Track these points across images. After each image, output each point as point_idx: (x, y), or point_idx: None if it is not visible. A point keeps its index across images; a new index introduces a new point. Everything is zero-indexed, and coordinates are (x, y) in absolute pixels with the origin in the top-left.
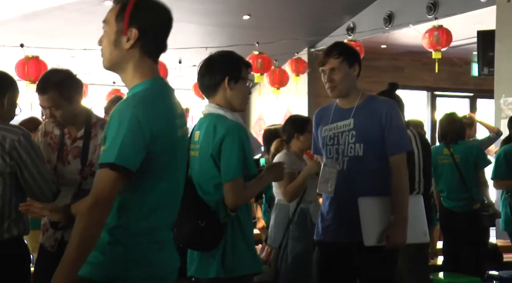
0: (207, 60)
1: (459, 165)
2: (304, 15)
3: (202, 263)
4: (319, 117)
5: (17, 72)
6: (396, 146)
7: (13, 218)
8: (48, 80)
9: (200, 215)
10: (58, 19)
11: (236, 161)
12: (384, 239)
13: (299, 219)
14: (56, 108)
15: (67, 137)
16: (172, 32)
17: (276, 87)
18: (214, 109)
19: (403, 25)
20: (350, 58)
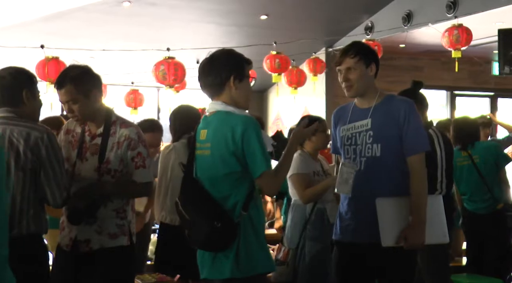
0: (209, 60)
1: (478, 166)
2: (322, 15)
3: (215, 265)
4: (337, 117)
5: (37, 73)
6: (414, 146)
7: (31, 215)
8: (65, 75)
9: (216, 216)
10: (77, 20)
11: (262, 152)
12: (402, 239)
13: (316, 219)
14: (73, 102)
15: (87, 134)
16: (189, 33)
17: (294, 87)
18: (221, 107)
19: (422, 24)
20: (367, 58)
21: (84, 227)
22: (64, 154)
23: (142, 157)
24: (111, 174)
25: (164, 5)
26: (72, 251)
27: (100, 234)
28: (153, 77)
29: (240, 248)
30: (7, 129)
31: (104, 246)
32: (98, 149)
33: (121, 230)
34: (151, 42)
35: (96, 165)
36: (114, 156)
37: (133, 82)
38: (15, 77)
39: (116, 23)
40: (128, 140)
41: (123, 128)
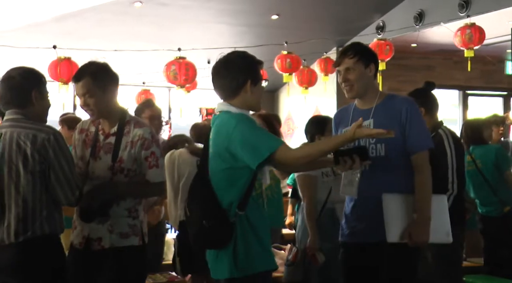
0: (224, 62)
1: (481, 170)
2: (333, 14)
3: (217, 264)
4: (338, 119)
5: (50, 73)
6: (416, 144)
7: (44, 215)
8: (84, 69)
9: (206, 215)
10: (89, 20)
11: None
12: (406, 236)
13: (325, 220)
14: (90, 96)
15: (101, 133)
16: (200, 33)
17: (305, 87)
18: (226, 107)
19: (434, 23)
20: (366, 58)
21: (96, 226)
22: (78, 153)
23: (156, 157)
24: (124, 173)
25: (175, 5)
26: (85, 249)
27: (112, 233)
28: (164, 77)
29: (238, 247)
30: (14, 132)
31: (116, 245)
32: (111, 148)
33: (133, 230)
34: (162, 42)
35: (109, 164)
36: (127, 155)
37: (144, 82)
38: (24, 77)
39: (128, 24)
40: (142, 139)
41: (137, 128)
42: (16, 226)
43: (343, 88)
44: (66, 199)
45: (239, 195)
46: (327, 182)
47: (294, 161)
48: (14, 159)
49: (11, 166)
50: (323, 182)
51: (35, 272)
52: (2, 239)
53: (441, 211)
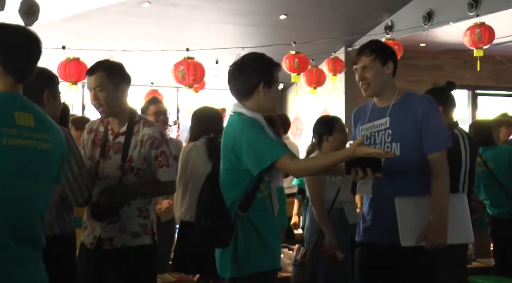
0: (239, 64)
1: (493, 172)
2: (341, 14)
3: (221, 264)
4: (357, 116)
5: (59, 74)
6: (434, 143)
7: (54, 216)
8: (99, 63)
9: (206, 214)
10: (98, 21)
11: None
12: (422, 239)
13: (334, 220)
14: (101, 89)
15: (110, 133)
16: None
17: (313, 87)
18: (238, 108)
19: (443, 23)
20: (383, 56)
21: (107, 226)
22: (87, 153)
23: (166, 156)
24: (134, 172)
25: (184, 5)
26: (96, 249)
27: (123, 232)
28: (172, 77)
29: (239, 247)
30: None
31: (127, 244)
32: (121, 148)
33: (144, 229)
34: (170, 42)
35: (119, 163)
36: (137, 154)
37: (152, 82)
38: (36, 77)
39: (136, 24)
40: (151, 139)
41: (146, 127)
42: None
43: (360, 86)
44: (75, 199)
45: (241, 196)
46: (335, 182)
47: (295, 173)
48: None
49: None
50: (331, 182)
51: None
52: None
53: (461, 210)
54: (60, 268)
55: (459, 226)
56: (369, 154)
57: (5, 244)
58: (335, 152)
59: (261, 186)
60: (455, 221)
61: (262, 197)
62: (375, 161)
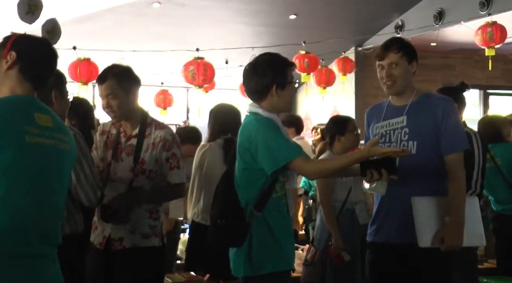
0: (252, 65)
1: (501, 168)
2: (351, 14)
3: (234, 263)
4: (370, 115)
5: (70, 74)
6: (452, 145)
7: (64, 216)
8: (108, 71)
9: (222, 213)
10: (108, 21)
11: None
12: (438, 241)
13: (344, 220)
14: (113, 97)
15: (122, 135)
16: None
17: (323, 87)
18: (254, 108)
19: (454, 22)
20: (409, 55)
21: (117, 226)
22: (99, 154)
23: (177, 158)
24: (145, 175)
25: (194, 5)
26: (105, 249)
27: (133, 233)
28: (182, 77)
29: (253, 247)
30: None
31: (137, 245)
32: (133, 150)
33: (154, 231)
34: (180, 42)
35: (131, 166)
36: (149, 156)
37: (162, 83)
38: None
39: (146, 24)
40: (163, 141)
41: (158, 129)
42: None
43: (384, 83)
44: (87, 200)
45: (256, 195)
46: (346, 183)
47: (309, 175)
48: None
49: None
50: (342, 182)
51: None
52: None
53: (473, 213)
54: (70, 268)
55: (472, 228)
56: (385, 153)
57: (30, 241)
58: (350, 153)
59: (276, 186)
60: (468, 223)
61: (277, 197)
62: (391, 162)
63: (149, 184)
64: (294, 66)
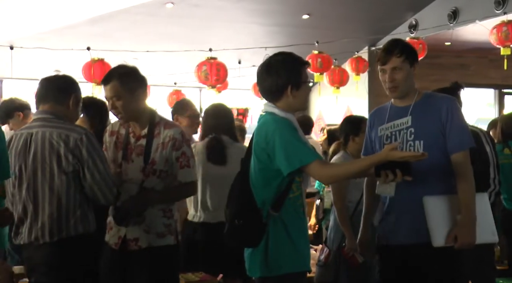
0: (266, 65)
1: None
2: (364, 13)
3: (250, 263)
4: (373, 118)
5: (84, 74)
6: (458, 143)
7: (78, 216)
8: (112, 72)
9: (239, 214)
10: (122, 22)
11: (287, 152)
12: (452, 239)
13: (358, 221)
14: (118, 98)
15: (132, 135)
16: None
17: (336, 87)
18: (270, 108)
19: (469, 21)
20: (411, 57)
21: (132, 227)
22: (110, 156)
23: (187, 157)
24: (156, 175)
25: (207, 6)
26: (120, 249)
27: (148, 233)
28: (195, 77)
29: (270, 247)
30: (46, 132)
31: (152, 244)
32: (143, 150)
33: (168, 229)
34: (193, 43)
35: (141, 166)
36: (159, 156)
37: (175, 83)
38: (66, 79)
39: (159, 25)
40: (172, 140)
41: (167, 129)
42: (51, 225)
43: (387, 87)
44: (104, 198)
45: (273, 196)
46: (360, 183)
47: (324, 179)
48: (47, 158)
49: (45, 166)
50: (356, 183)
51: (69, 271)
52: (36, 238)
53: (484, 210)
54: (84, 267)
55: (484, 225)
56: (404, 157)
57: None
58: (367, 157)
59: (293, 186)
60: (479, 221)
61: (294, 197)
62: (406, 164)
63: (160, 184)
64: (308, 65)
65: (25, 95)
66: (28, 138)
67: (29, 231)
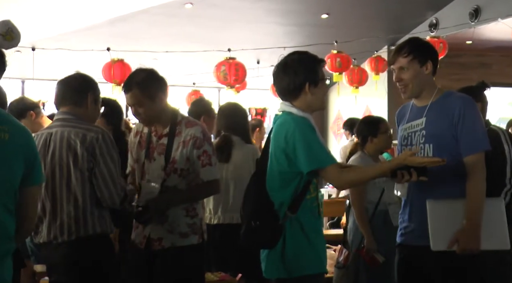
0: (282, 65)
1: None
2: (384, 12)
3: (267, 264)
4: (399, 116)
5: (104, 75)
6: (470, 146)
7: (96, 215)
8: (131, 80)
9: (256, 215)
10: (142, 22)
11: (308, 152)
12: (453, 244)
13: (378, 221)
14: (139, 106)
15: (154, 134)
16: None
17: (355, 86)
18: (287, 108)
19: (491, 20)
20: (422, 56)
21: (156, 226)
22: (134, 155)
23: (208, 155)
24: (177, 173)
25: (225, 6)
26: (146, 248)
27: (171, 233)
28: (214, 77)
29: (287, 248)
30: (65, 131)
31: (176, 244)
32: (164, 149)
33: (192, 229)
34: (212, 43)
35: (162, 165)
36: (180, 155)
37: (194, 83)
38: (83, 79)
39: (178, 25)
40: (193, 139)
41: (188, 127)
42: (69, 224)
43: (399, 87)
44: (111, 199)
45: (290, 197)
46: (378, 184)
47: (339, 185)
48: (64, 157)
49: (62, 165)
50: (375, 183)
51: (87, 271)
52: (55, 237)
53: (497, 215)
54: (102, 266)
55: (494, 232)
56: (422, 163)
57: None
58: (383, 162)
59: (310, 188)
60: (491, 226)
61: (311, 199)
62: (422, 168)
63: (182, 182)
64: (324, 62)
65: (46, 96)
66: (48, 138)
67: (48, 230)
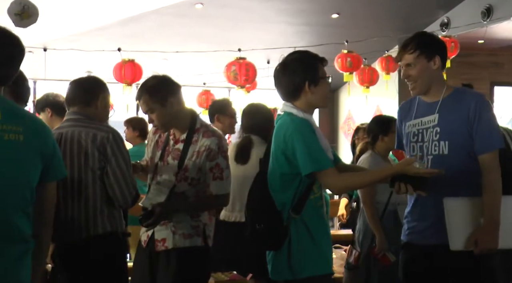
0: (282, 66)
1: None
2: (394, 12)
3: (273, 266)
4: (402, 112)
5: (115, 75)
6: (486, 143)
7: (105, 213)
8: (142, 86)
9: (259, 217)
10: (152, 23)
11: (307, 153)
12: (472, 243)
13: (388, 222)
14: (151, 112)
15: (171, 138)
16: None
17: (366, 86)
18: (288, 108)
19: (503, 19)
20: (429, 51)
21: (160, 227)
22: (149, 153)
23: (220, 168)
24: (187, 182)
25: (236, 6)
26: (148, 248)
27: (175, 234)
28: (224, 77)
29: (292, 250)
30: (75, 131)
31: (179, 245)
32: (179, 155)
33: (196, 231)
34: (222, 43)
35: (175, 171)
36: (192, 164)
37: (205, 83)
38: (94, 80)
39: (189, 25)
40: (208, 150)
41: (205, 137)
42: (79, 222)
43: (408, 84)
44: (123, 199)
45: (292, 198)
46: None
47: (335, 189)
48: (75, 156)
49: (73, 164)
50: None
51: (98, 269)
52: (66, 235)
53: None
54: (112, 265)
55: (510, 230)
56: (418, 174)
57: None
58: (381, 169)
59: (314, 188)
60: (506, 225)
61: (315, 198)
62: (422, 179)
63: (191, 190)
64: (325, 61)
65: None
66: (58, 138)
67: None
